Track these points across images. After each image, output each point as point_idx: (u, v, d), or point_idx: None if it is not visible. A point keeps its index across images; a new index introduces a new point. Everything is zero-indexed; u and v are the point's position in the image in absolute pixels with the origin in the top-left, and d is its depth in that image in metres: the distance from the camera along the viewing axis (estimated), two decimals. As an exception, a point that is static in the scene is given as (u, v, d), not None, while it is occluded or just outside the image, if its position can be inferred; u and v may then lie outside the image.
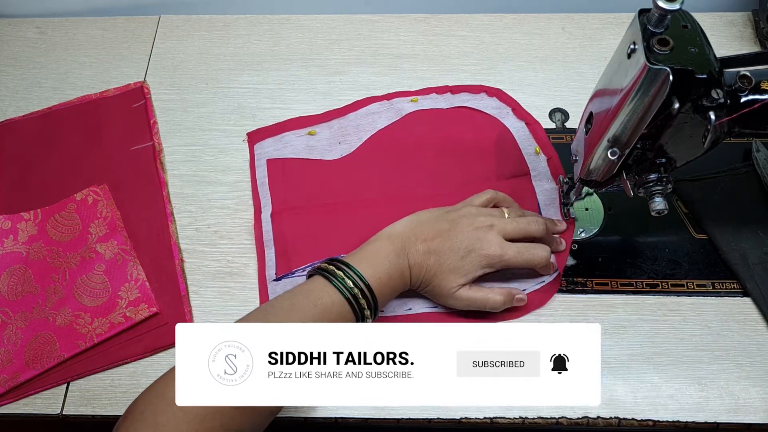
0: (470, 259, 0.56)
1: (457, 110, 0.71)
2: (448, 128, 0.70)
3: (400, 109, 0.71)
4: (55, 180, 0.69)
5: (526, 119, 0.71)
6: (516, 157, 0.69)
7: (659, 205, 0.52)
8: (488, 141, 0.69)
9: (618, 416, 0.56)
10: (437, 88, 0.73)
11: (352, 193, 0.66)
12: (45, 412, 0.58)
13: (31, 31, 0.82)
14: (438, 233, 0.56)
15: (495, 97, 0.73)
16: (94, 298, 0.61)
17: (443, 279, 0.56)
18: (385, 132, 0.70)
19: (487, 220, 0.57)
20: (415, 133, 0.70)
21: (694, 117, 0.46)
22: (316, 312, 0.50)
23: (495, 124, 0.71)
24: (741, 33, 0.77)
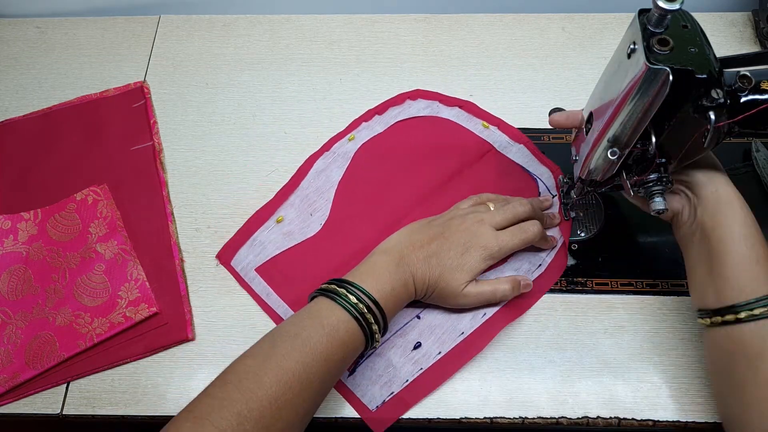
0: (470, 255, 0.56)
1: (394, 128, 0.71)
2: (397, 146, 0.70)
3: (345, 153, 0.69)
4: (55, 180, 0.69)
5: (457, 104, 0.72)
6: (470, 138, 0.70)
7: (659, 205, 0.52)
8: (439, 139, 0.70)
9: (618, 416, 0.56)
10: (363, 115, 0.72)
11: (352, 247, 0.64)
12: (45, 412, 0.58)
13: (31, 31, 0.82)
14: (432, 237, 0.57)
15: (419, 98, 0.73)
16: (94, 298, 0.61)
17: (449, 279, 0.56)
18: (345, 179, 0.68)
19: (476, 217, 0.58)
20: (372, 165, 0.69)
21: (694, 117, 0.46)
22: (324, 333, 0.49)
23: (435, 122, 0.71)
24: (741, 33, 0.77)
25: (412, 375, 0.57)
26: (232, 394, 0.45)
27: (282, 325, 0.51)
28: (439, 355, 0.58)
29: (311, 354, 0.48)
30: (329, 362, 0.49)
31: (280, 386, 0.46)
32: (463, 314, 0.59)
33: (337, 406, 0.57)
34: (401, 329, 0.59)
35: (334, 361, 0.49)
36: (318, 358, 0.48)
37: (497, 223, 0.58)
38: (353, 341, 0.51)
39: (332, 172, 0.68)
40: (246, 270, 0.63)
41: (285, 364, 0.47)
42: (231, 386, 0.46)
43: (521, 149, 0.69)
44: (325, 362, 0.48)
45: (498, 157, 0.69)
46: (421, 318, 0.59)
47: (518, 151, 0.69)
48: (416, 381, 0.57)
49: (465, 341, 0.58)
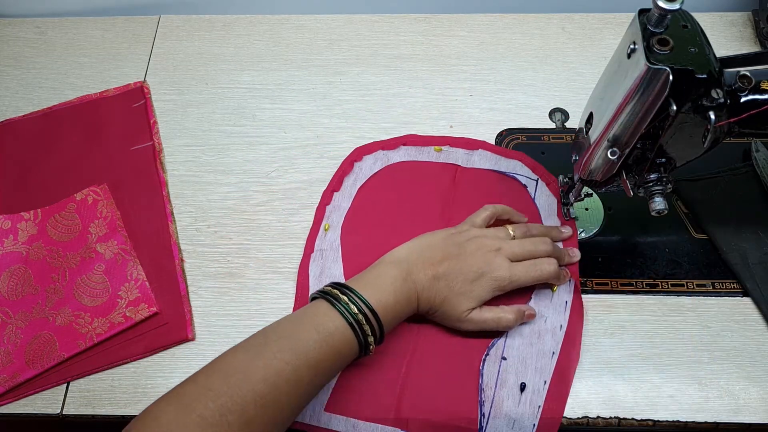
0: (480, 283, 0.55)
1: (359, 197, 0.67)
2: (372, 213, 0.66)
3: (330, 245, 0.65)
4: (55, 180, 0.69)
5: (399, 142, 0.70)
6: (433, 168, 0.68)
7: (659, 205, 0.52)
8: (408, 184, 0.67)
9: (618, 416, 0.56)
10: (321, 200, 0.67)
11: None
12: (45, 412, 0.58)
13: (31, 31, 0.82)
14: (445, 257, 0.56)
15: (363, 156, 0.70)
16: (94, 298, 0.61)
17: (454, 303, 0.55)
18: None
19: (494, 243, 0.57)
20: (358, 242, 0.65)
21: (694, 117, 0.46)
22: (318, 338, 0.49)
23: (392, 170, 0.69)
24: (741, 33, 0.77)
25: (535, 417, 0.55)
26: (219, 386, 0.45)
27: (278, 323, 0.51)
28: (546, 384, 0.56)
29: (302, 356, 0.48)
30: (319, 367, 0.48)
31: (267, 384, 0.46)
32: (543, 336, 0.58)
33: (337, 406, 0.57)
34: (498, 379, 0.56)
35: (325, 367, 0.49)
36: (309, 361, 0.48)
37: (515, 256, 0.57)
38: (347, 349, 0.50)
39: (329, 266, 0.64)
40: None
41: (274, 363, 0.47)
42: (218, 377, 0.46)
43: (482, 154, 0.68)
44: (315, 366, 0.48)
45: (467, 174, 0.67)
46: (507, 359, 0.57)
47: (481, 157, 0.68)
48: (542, 421, 0.55)
49: (561, 357, 0.57)
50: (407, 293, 0.54)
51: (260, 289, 0.63)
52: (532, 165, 0.68)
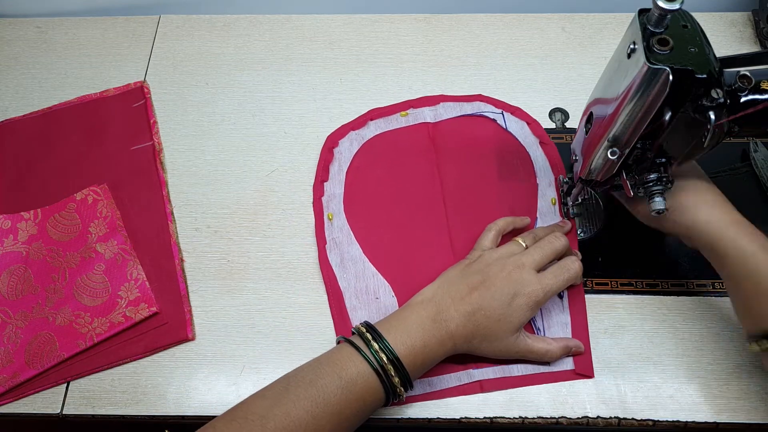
0: (517, 304, 0.53)
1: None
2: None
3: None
4: (55, 180, 0.69)
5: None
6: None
7: (659, 205, 0.52)
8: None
9: (618, 416, 0.56)
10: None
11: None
12: (45, 412, 0.58)
13: (31, 31, 0.82)
14: (472, 288, 0.54)
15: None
16: (94, 298, 0.61)
17: (498, 332, 0.53)
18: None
19: (515, 261, 0.55)
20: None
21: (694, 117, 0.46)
22: (341, 385, 0.47)
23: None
24: (741, 33, 0.77)
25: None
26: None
27: (300, 369, 0.50)
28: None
29: (323, 405, 0.46)
30: (342, 415, 0.47)
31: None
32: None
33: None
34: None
35: (347, 415, 0.47)
36: (331, 410, 0.46)
37: (537, 264, 0.55)
38: (371, 395, 0.48)
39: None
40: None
41: (294, 411, 0.45)
42: (236, 424, 0.45)
43: (445, 105, 0.72)
44: (338, 415, 0.47)
45: (439, 127, 0.71)
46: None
47: (445, 108, 0.72)
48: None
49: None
50: (438, 335, 0.51)
51: (260, 289, 0.63)
52: (493, 102, 0.72)
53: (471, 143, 0.69)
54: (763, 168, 0.65)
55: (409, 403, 0.56)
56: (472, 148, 0.69)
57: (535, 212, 0.65)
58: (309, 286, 0.63)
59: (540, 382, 0.57)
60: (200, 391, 0.58)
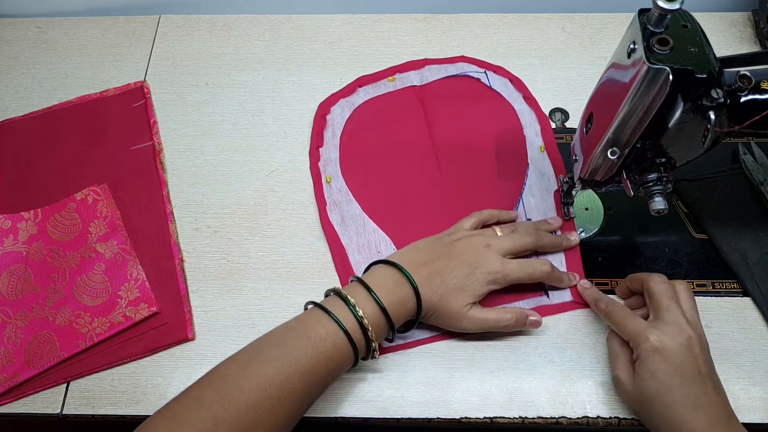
0: (475, 277, 0.56)
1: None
2: (455, 104, 0.73)
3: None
4: (55, 180, 0.69)
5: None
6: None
7: (659, 205, 0.52)
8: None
9: (618, 416, 0.56)
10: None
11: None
12: (45, 412, 0.58)
13: (31, 31, 0.82)
14: (437, 256, 0.56)
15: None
16: (93, 298, 0.61)
17: (452, 299, 0.55)
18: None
19: (483, 240, 0.58)
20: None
21: (694, 117, 0.46)
22: (310, 345, 0.49)
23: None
24: (741, 33, 0.77)
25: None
26: (211, 396, 0.46)
27: (272, 332, 0.51)
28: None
29: (294, 364, 0.48)
30: (313, 374, 0.49)
31: (258, 392, 0.46)
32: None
33: (338, 407, 0.57)
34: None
35: (318, 373, 0.49)
36: (301, 369, 0.48)
37: (504, 250, 0.58)
38: (340, 355, 0.50)
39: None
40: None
41: (266, 371, 0.47)
42: (210, 388, 0.46)
43: (431, 68, 0.75)
44: (309, 373, 0.48)
45: (427, 89, 0.73)
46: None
47: (430, 71, 0.75)
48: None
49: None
50: (401, 295, 0.54)
51: (260, 289, 0.63)
52: (476, 62, 0.75)
53: (458, 102, 0.72)
54: (754, 170, 0.65)
55: (384, 354, 0.58)
56: (459, 106, 0.72)
57: (526, 159, 0.69)
58: (309, 286, 0.63)
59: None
60: (200, 391, 0.58)
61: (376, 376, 0.58)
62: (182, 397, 0.47)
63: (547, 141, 0.69)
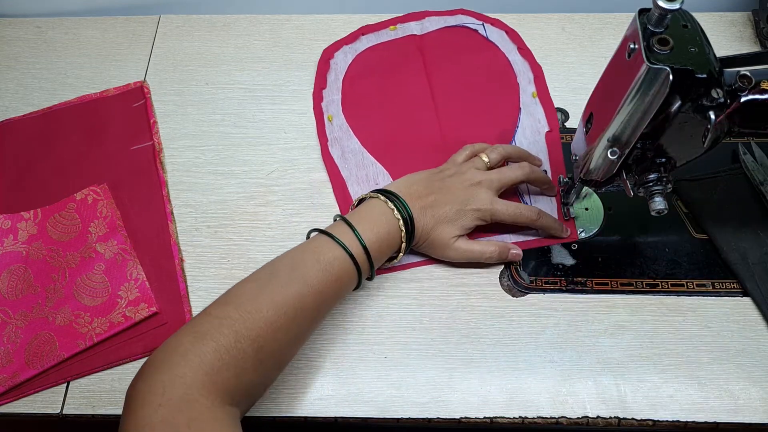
0: (465, 212, 0.60)
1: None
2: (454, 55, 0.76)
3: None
4: (55, 180, 0.69)
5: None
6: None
7: (659, 205, 0.52)
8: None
9: (618, 416, 0.56)
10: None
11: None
12: (45, 412, 0.58)
13: (31, 31, 0.82)
14: (431, 191, 0.60)
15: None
16: (93, 298, 0.61)
17: (441, 230, 0.59)
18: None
19: (474, 177, 0.61)
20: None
21: (694, 117, 0.46)
22: (320, 268, 0.53)
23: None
24: (741, 33, 0.77)
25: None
26: (232, 314, 0.48)
27: (282, 257, 0.55)
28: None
29: (307, 285, 0.52)
30: (323, 294, 0.53)
31: (276, 311, 0.49)
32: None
33: (338, 407, 0.57)
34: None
35: (328, 293, 0.53)
36: (312, 289, 0.52)
37: (494, 187, 0.61)
38: (347, 277, 0.55)
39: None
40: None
41: (282, 290, 0.51)
42: (231, 307, 0.49)
43: (431, 19, 0.79)
44: (320, 294, 0.52)
45: (427, 39, 0.77)
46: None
47: (430, 22, 0.79)
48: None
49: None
50: (398, 223, 0.58)
51: (260, 289, 0.63)
52: (474, 14, 0.79)
53: (455, 51, 0.76)
54: (754, 170, 0.65)
55: (382, 275, 0.62)
56: (457, 55, 0.76)
57: (518, 104, 0.72)
58: (309, 286, 0.63)
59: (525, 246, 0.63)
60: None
61: (376, 376, 0.58)
62: (203, 316, 0.49)
63: (539, 87, 0.73)
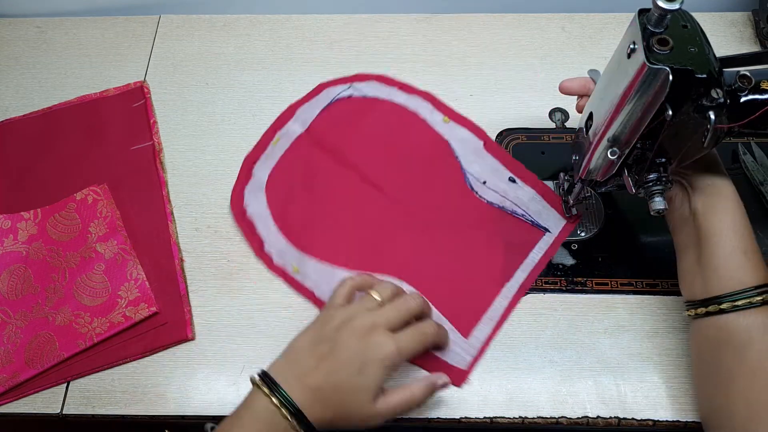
0: (369, 371, 0.49)
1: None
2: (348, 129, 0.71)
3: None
4: (55, 180, 0.69)
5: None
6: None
7: (659, 205, 0.52)
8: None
9: (618, 416, 0.56)
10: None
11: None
12: (45, 412, 0.58)
13: (31, 31, 0.82)
14: (319, 359, 0.50)
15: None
16: (93, 298, 0.61)
17: (352, 404, 0.49)
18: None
19: (366, 320, 0.51)
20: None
21: (694, 117, 0.46)
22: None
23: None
24: (741, 33, 0.77)
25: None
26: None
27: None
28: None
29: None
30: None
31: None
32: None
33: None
34: None
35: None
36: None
37: (392, 325, 0.51)
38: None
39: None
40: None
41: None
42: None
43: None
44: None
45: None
46: None
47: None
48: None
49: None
50: (289, 426, 0.47)
51: (260, 289, 0.63)
52: (334, 82, 0.74)
53: (347, 125, 0.71)
54: (754, 171, 0.65)
55: None
56: (350, 128, 0.71)
57: (439, 135, 0.70)
58: (309, 286, 0.63)
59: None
60: (200, 391, 0.58)
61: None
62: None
63: (443, 111, 0.71)
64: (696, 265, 0.51)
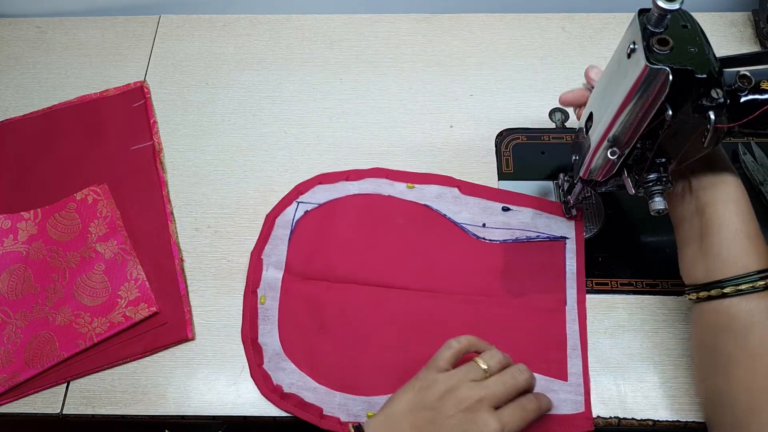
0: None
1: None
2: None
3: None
4: (55, 180, 0.69)
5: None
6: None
7: (659, 205, 0.52)
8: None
9: (618, 416, 0.56)
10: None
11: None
12: (45, 412, 0.58)
13: (31, 31, 0.82)
14: (419, 428, 0.48)
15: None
16: (93, 298, 0.61)
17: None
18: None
19: (472, 394, 0.48)
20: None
21: (694, 117, 0.46)
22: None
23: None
24: (741, 33, 0.77)
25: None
26: None
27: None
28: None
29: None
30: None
31: None
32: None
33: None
34: None
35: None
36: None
37: (498, 401, 0.49)
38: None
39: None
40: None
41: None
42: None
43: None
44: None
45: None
46: None
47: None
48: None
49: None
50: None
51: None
52: (304, 186, 0.67)
53: (329, 225, 0.65)
54: (754, 171, 0.65)
55: None
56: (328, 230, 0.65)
57: (439, 215, 0.65)
58: (309, 286, 0.63)
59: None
60: (200, 391, 0.58)
61: (376, 376, 0.58)
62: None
63: (403, 178, 0.67)
64: (698, 251, 0.51)
